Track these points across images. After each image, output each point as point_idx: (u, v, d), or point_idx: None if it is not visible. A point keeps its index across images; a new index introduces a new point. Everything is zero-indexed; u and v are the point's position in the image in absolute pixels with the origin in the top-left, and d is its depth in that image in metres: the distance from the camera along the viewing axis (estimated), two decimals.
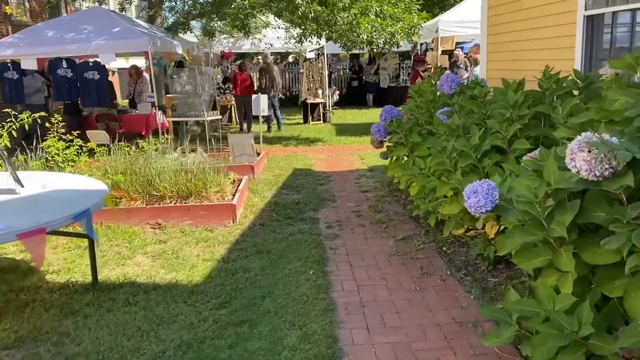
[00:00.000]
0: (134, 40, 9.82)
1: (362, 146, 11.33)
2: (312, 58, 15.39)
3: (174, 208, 5.80)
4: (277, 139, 12.62)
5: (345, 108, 18.97)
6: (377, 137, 6.05)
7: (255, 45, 14.75)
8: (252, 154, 7.09)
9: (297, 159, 9.94)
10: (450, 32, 11.57)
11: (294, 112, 18.00)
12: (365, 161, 9.57)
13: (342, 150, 11.06)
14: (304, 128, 14.54)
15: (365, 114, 17.44)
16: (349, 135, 12.59)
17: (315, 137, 12.76)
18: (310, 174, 8.57)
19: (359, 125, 14.69)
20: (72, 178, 4.71)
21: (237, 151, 6.92)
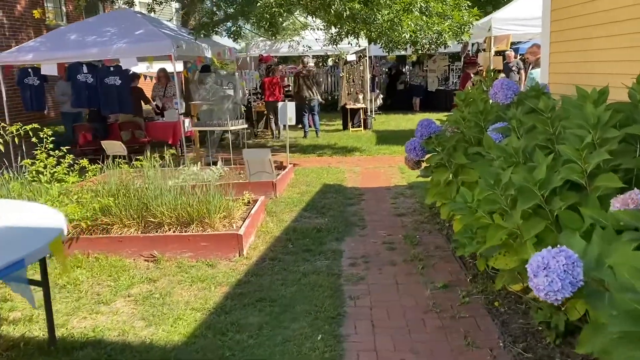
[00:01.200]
0: (157, 43, 9.09)
1: (402, 157, 10.20)
2: (353, 61, 14.37)
3: (172, 238, 4.92)
4: (311, 148, 11.65)
5: (389, 113, 17.84)
6: (412, 156, 4.99)
7: (293, 48, 13.87)
8: (271, 171, 6.14)
9: (329, 172, 8.94)
10: (504, 30, 10.31)
11: (333, 117, 17.02)
12: (406, 175, 8.47)
13: (381, 161, 9.99)
14: (342, 135, 13.54)
15: (410, 119, 16.25)
16: (390, 144, 11.49)
17: (353, 145, 11.72)
18: (340, 190, 7.55)
19: (402, 132, 13.54)
20: (21, 207, 3.86)
21: (253, 168, 6.00)
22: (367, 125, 14.38)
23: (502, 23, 10.23)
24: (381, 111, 17.81)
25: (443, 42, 9.93)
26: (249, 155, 6.06)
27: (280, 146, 12.28)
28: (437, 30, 9.85)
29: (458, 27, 9.97)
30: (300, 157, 10.76)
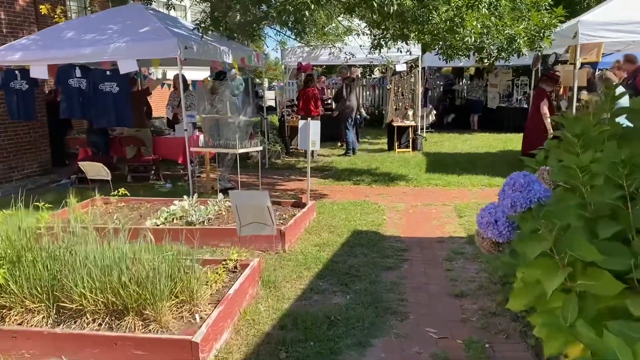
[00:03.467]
0: (160, 43, 7.38)
1: (460, 192, 8.09)
2: (403, 71, 12.35)
3: (92, 338, 3.06)
4: (347, 173, 9.67)
5: (442, 132, 15.65)
6: (491, 234, 2.92)
7: (335, 56, 11.97)
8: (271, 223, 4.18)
9: (364, 209, 6.94)
10: (595, 37, 8.05)
11: (378, 135, 14.98)
12: (465, 221, 6.37)
13: (432, 195, 7.90)
14: (386, 157, 11.49)
15: (467, 140, 14.03)
16: (444, 172, 9.36)
17: (398, 172, 9.65)
18: (375, 242, 5.54)
19: (458, 156, 11.37)
20: None
21: (246, 218, 4.10)
22: (416, 146, 12.29)
23: (592, 28, 7.99)
24: (433, 129, 15.65)
25: (517, 49, 7.76)
26: (239, 200, 4.15)
27: (313, 169, 10.37)
28: (509, 34, 7.72)
29: (537, 30, 7.80)
30: (331, 185, 8.79)
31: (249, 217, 4.15)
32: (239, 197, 4.22)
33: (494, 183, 8.46)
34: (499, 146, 12.80)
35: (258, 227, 4.19)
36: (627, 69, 8.66)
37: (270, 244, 4.98)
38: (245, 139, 6.61)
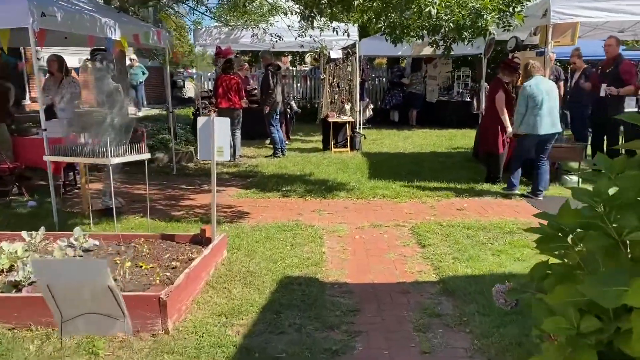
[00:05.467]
0: (3, 8, 5.14)
1: (413, 205, 6.40)
2: (339, 59, 10.57)
3: None
4: (275, 180, 7.76)
5: (380, 128, 14.05)
6: None
7: (259, 38, 10.00)
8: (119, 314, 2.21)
9: (296, 236, 5.07)
10: (569, 16, 6.59)
11: (312, 131, 13.16)
12: (430, 253, 4.65)
13: (381, 211, 6.17)
14: (322, 158, 9.68)
15: (408, 137, 12.48)
16: (390, 179, 7.66)
17: (337, 179, 7.87)
18: (313, 299, 3.68)
19: (403, 157, 9.75)
20: None
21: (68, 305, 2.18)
22: (354, 144, 10.57)
23: (566, 5, 6.55)
24: (370, 125, 14.03)
25: (483, 27, 6.15)
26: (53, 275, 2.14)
27: (233, 175, 8.38)
28: (473, 8, 6.09)
29: (505, 4, 6.22)
30: (255, 197, 6.87)
31: (75, 304, 2.19)
32: (50, 269, 2.21)
33: (451, 194, 6.85)
34: (444, 144, 11.33)
35: (96, 322, 2.23)
36: (612, 52, 7.28)
37: (144, 321, 3.01)
38: (124, 144, 4.55)
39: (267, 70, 9.67)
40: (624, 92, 7.12)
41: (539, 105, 6.30)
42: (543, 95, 6.31)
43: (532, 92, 6.37)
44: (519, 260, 4.38)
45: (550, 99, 6.38)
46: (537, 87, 6.37)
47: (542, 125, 6.33)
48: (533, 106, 6.33)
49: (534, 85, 6.38)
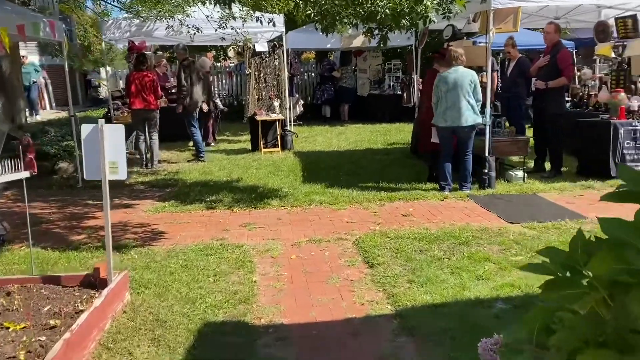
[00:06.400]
0: None
1: (355, 212, 5.68)
2: (265, 52, 9.69)
3: None
4: (199, 189, 6.79)
5: (312, 124, 13.30)
6: None
7: (175, 31, 8.92)
8: None
9: (221, 263, 4.19)
10: (510, 1, 6.08)
11: (239, 131, 12.20)
12: (380, 275, 3.92)
13: (319, 222, 5.40)
14: (251, 160, 8.79)
15: (341, 134, 11.81)
16: (326, 182, 6.91)
17: (268, 184, 7.02)
18: (239, 353, 2.85)
19: (338, 156, 9.05)
20: None
21: None
22: (285, 144, 9.75)
23: None
24: (301, 121, 13.25)
25: (421, 15, 5.50)
26: None
27: (149, 185, 7.33)
28: None
29: None
30: (173, 211, 5.89)
31: None
32: None
33: (394, 196, 6.19)
34: (380, 140, 10.74)
35: None
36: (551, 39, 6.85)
37: None
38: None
39: (180, 66, 8.66)
40: (553, 84, 6.72)
41: (443, 96, 6.10)
42: (449, 86, 6.07)
43: (438, 82, 6.18)
44: (482, 279, 3.73)
45: (456, 91, 6.03)
46: (445, 78, 6.11)
47: (443, 117, 6.14)
48: (438, 97, 6.17)
49: (443, 76, 6.15)
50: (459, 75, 6.11)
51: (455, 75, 6.12)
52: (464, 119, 6.09)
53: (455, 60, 6.13)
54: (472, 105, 6.13)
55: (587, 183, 6.44)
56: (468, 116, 6.09)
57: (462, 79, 6.10)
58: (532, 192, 6.25)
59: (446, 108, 6.15)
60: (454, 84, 6.09)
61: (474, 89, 6.10)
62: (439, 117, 6.26)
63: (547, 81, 6.78)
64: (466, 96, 6.09)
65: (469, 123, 6.12)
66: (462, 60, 6.15)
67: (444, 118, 6.20)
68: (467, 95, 6.08)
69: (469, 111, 6.11)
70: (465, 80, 6.09)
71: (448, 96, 6.11)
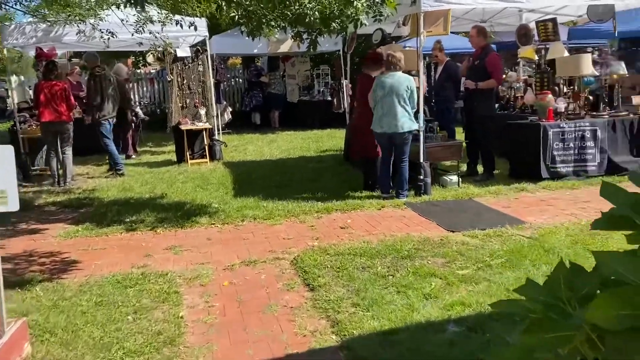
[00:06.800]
0: None
1: (291, 226, 5.32)
2: (187, 58, 9.14)
3: None
4: (117, 208, 6.16)
5: (242, 132, 12.82)
6: None
7: (87, 36, 8.19)
8: None
9: (142, 297, 3.68)
10: (441, 3, 5.96)
11: (164, 140, 11.52)
12: (322, 298, 3.58)
13: (253, 240, 4.98)
14: (177, 174, 8.22)
15: (272, 141, 11.43)
16: (259, 195, 6.50)
17: (196, 200, 6.51)
18: None
19: (270, 166, 8.67)
20: None
21: None
22: (214, 154, 9.24)
23: None
24: (231, 129, 12.73)
25: (352, 18, 5.25)
26: None
27: (62, 205, 6.61)
28: None
29: None
30: (88, 236, 5.27)
31: None
32: None
33: (331, 207, 5.89)
34: (312, 147, 10.46)
35: None
36: (478, 42, 6.82)
37: None
38: None
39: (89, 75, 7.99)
40: (483, 85, 6.73)
41: (379, 101, 5.96)
42: (385, 91, 5.93)
43: (375, 87, 6.02)
44: (430, 297, 3.48)
45: (391, 97, 5.90)
46: (382, 83, 5.96)
47: (379, 123, 5.99)
48: (375, 102, 6.01)
49: (380, 80, 5.99)
50: (395, 80, 5.95)
51: (392, 81, 5.96)
52: (400, 125, 5.93)
53: (394, 65, 5.97)
54: (408, 111, 5.99)
55: (520, 185, 6.43)
56: (404, 122, 5.94)
57: (398, 84, 5.94)
58: (468, 197, 6.16)
59: (382, 114, 6.00)
60: (390, 89, 5.94)
61: (410, 96, 5.95)
62: (376, 123, 6.10)
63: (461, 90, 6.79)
64: (402, 102, 5.94)
65: (405, 129, 5.97)
66: (401, 66, 6.01)
67: (380, 124, 6.04)
68: (403, 101, 5.94)
69: (405, 117, 5.96)
70: (402, 87, 5.93)
71: (384, 102, 5.97)
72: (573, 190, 6.22)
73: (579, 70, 6.61)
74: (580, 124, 6.49)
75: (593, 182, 6.42)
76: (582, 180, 6.47)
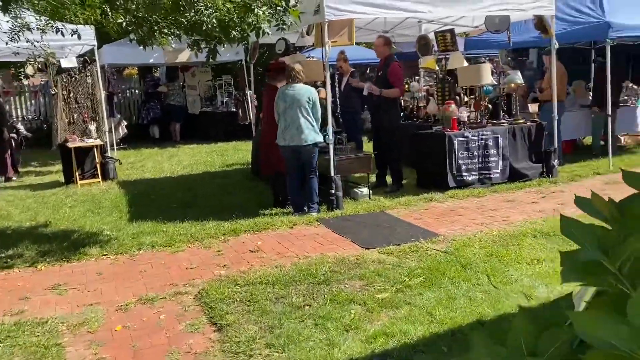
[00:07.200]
0: None
1: (194, 253, 4.81)
2: (73, 69, 8.28)
3: None
4: None
5: (140, 147, 11.97)
6: None
7: None
8: None
9: (13, 355, 3.08)
10: (344, 13, 5.76)
11: (51, 159, 10.43)
12: (230, 338, 3.16)
13: (151, 272, 4.43)
14: (64, 197, 7.37)
15: (173, 156, 10.75)
16: (159, 218, 5.92)
17: (85, 227, 5.78)
18: None
19: (171, 183, 8.06)
20: None
21: None
22: (107, 173, 8.43)
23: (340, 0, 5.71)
24: (127, 144, 11.84)
25: (254, 26, 4.89)
26: None
27: None
28: (242, 2, 4.80)
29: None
30: None
31: None
32: None
33: (239, 228, 5.47)
34: (217, 162, 9.94)
35: None
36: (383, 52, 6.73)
37: None
38: None
39: None
40: (386, 93, 6.67)
41: (282, 114, 5.74)
42: (286, 104, 5.71)
43: (277, 99, 5.79)
44: (351, 329, 3.19)
45: (294, 109, 5.69)
46: (284, 95, 5.74)
47: (283, 136, 5.77)
48: (279, 114, 5.78)
49: (282, 92, 5.76)
50: (296, 92, 5.72)
51: (293, 92, 5.73)
52: (304, 138, 5.69)
53: (294, 78, 5.74)
54: (312, 123, 5.77)
55: (428, 195, 6.40)
56: (308, 134, 5.71)
57: (299, 96, 5.71)
58: (380, 210, 6.01)
59: (285, 127, 5.76)
60: (292, 101, 5.70)
61: (313, 107, 5.74)
62: (280, 137, 5.83)
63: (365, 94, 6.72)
64: (304, 114, 5.72)
65: (309, 142, 5.73)
66: (301, 78, 5.77)
67: (283, 137, 5.78)
68: (306, 112, 5.72)
69: (309, 129, 5.74)
70: (303, 98, 5.71)
71: (287, 114, 5.73)
72: (479, 199, 6.28)
73: (480, 79, 6.74)
74: (482, 133, 6.60)
75: (497, 190, 6.55)
76: (487, 188, 6.58)
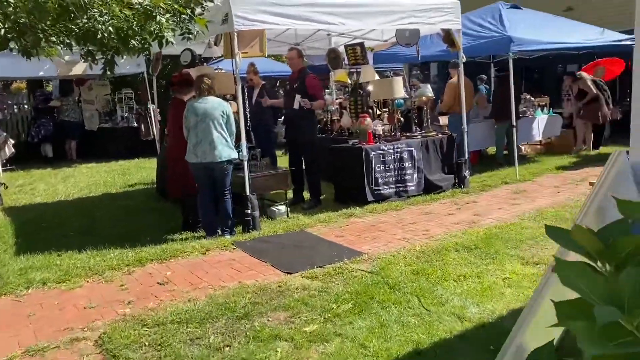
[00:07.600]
0: None
1: (93, 288, 4.23)
2: None
3: None
4: None
5: (30, 168, 10.82)
6: None
7: None
8: None
9: None
10: (254, 23, 5.45)
11: None
12: None
13: (41, 314, 3.80)
14: None
15: (69, 177, 9.81)
16: (52, 247, 5.22)
17: None
18: None
19: (66, 208, 7.26)
20: None
21: None
22: None
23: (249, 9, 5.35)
24: (15, 166, 10.66)
25: (156, 35, 4.45)
26: None
27: None
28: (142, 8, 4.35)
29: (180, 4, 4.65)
30: None
31: None
32: None
33: (145, 257, 4.94)
34: (119, 182, 9.18)
35: None
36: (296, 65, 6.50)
37: None
38: None
39: None
40: (316, 106, 6.53)
41: (192, 128, 5.33)
42: (198, 118, 5.31)
43: (187, 112, 5.37)
44: None
45: (206, 123, 5.31)
46: (195, 109, 5.32)
47: (194, 152, 5.35)
48: (188, 129, 5.37)
49: (192, 106, 5.34)
50: (209, 105, 5.33)
51: (206, 106, 5.33)
52: (217, 154, 5.29)
53: (205, 90, 5.36)
54: (226, 138, 5.39)
55: (348, 210, 6.23)
56: (222, 150, 5.33)
57: (213, 109, 5.33)
58: (300, 228, 5.73)
59: (197, 142, 5.34)
60: (204, 114, 5.29)
61: (227, 121, 5.38)
62: (190, 153, 5.39)
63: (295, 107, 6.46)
64: (218, 128, 5.34)
65: (223, 158, 5.34)
66: (213, 91, 5.40)
67: (194, 153, 5.35)
68: (220, 127, 5.35)
69: (223, 145, 5.35)
70: (217, 112, 5.33)
71: (198, 128, 5.31)
72: (398, 212, 6.20)
73: (392, 93, 6.71)
74: (398, 146, 6.55)
75: (414, 202, 6.53)
76: (404, 201, 6.53)
